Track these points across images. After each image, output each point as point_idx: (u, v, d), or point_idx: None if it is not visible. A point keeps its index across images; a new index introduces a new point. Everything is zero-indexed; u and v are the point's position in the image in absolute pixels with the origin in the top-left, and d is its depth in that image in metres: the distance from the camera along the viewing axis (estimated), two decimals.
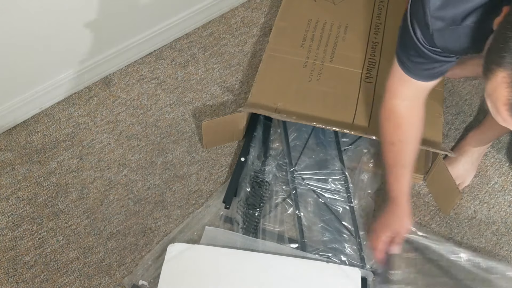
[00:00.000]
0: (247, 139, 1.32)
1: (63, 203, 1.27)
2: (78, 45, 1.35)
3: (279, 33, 1.37)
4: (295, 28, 1.38)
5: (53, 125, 1.39)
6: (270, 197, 1.26)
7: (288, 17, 1.40)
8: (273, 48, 1.34)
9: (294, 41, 1.35)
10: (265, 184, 1.26)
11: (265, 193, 1.25)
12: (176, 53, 1.54)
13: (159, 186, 1.30)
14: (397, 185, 1.04)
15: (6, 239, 1.22)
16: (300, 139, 1.33)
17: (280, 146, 1.33)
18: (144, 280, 1.15)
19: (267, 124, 1.34)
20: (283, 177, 1.28)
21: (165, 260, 1.14)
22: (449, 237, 1.23)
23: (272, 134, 1.34)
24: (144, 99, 1.45)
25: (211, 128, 1.28)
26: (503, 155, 1.35)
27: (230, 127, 1.30)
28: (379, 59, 1.31)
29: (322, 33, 1.36)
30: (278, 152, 1.32)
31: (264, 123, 1.35)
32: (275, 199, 1.26)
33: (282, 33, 1.37)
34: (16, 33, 1.19)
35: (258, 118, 1.35)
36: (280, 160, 1.30)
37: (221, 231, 1.20)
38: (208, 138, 1.32)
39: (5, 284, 1.16)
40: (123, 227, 1.24)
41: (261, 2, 1.65)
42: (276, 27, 1.39)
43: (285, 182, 1.27)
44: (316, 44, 1.34)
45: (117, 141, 1.37)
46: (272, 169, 1.28)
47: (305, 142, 1.32)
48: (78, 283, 1.17)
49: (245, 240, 1.18)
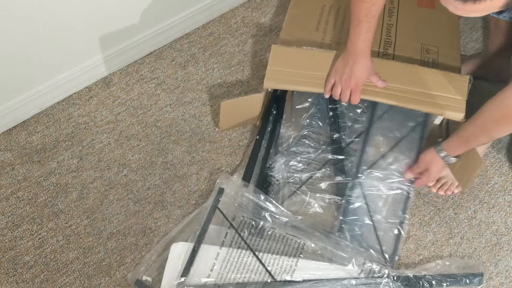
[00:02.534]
0: (264, 122, 1.32)
1: (63, 203, 1.27)
2: (78, 45, 1.35)
3: (292, 20, 1.37)
4: (308, 14, 1.37)
5: (53, 125, 1.39)
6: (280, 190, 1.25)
7: (301, 5, 1.40)
8: (286, 33, 1.33)
9: (309, 25, 1.34)
10: (273, 182, 1.25)
11: (272, 190, 1.24)
12: (176, 53, 1.54)
13: (159, 186, 1.30)
14: (366, 36, 1.08)
15: (6, 239, 1.22)
16: (313, 126, 1.32)
17: (290, 137, 1.32)
18: (148, 276, 1.15)
19: (278, 119, 1.33)
20: (290, 174, 1.27)
21: (168, 259, 1.14)
22: (449, 237, 1.23)
23: (283, 126, 1.33)
24: (144, 99, 1.45)
25: (229, 108, 1.27)
26: (503, 155, 1.35)
27: (248, 109, 1.29)
28: (395, 40, 1.30)
29: (336, 17, 1.36)
30: (288, 144, 1.31)
31: (275, 118, 1.33)
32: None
33: (296, 19, 1.37)
34: (16, 33, 1.19)
35: (272, 106, 1.35)
36: (287, 156, 1.29)
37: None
38: (224, 119, 1.31)
39: (5, 284, 1.16)
40: (123, 227, 1.24)
41: (261, 2, 1.65)
42: (289, 14, 1.38)
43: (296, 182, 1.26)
44: (331, 27, 1.33)
45: (117, 141, 1.37)
46: (280, 166, 1.27)
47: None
48: (78, 283, 1.17)
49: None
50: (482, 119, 1.03)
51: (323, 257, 1.14)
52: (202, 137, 1.38)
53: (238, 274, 1.12)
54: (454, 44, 1.31)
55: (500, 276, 1.18)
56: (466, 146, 1.10)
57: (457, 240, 1.23)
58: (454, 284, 1.13)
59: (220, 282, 1.11)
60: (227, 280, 1.11)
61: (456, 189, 1.26)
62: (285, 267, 1.13)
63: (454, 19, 1.37)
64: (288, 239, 1.17)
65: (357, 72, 1.11)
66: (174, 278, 1.11)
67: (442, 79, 1.17)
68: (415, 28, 1.33)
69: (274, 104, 1.35)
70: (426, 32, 1.32)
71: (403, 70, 1.19)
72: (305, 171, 1.27)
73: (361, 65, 1.11)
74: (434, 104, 1.17)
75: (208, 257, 1.14)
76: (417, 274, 1.13)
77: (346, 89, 1.14)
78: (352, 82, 1.13)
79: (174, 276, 1.12)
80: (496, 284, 1.17)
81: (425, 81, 1.18)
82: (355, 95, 1.14)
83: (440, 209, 1.27)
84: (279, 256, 1.14)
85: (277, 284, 1.11)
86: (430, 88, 1.17)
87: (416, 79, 1.18)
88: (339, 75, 1.14)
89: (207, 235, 1.16)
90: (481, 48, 1.55)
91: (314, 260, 1.14)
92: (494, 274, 1.18)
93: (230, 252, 1.14)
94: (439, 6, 1.37)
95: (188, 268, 1.11)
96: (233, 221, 1.18)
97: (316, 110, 1.34)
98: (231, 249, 1.15)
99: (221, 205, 1.20)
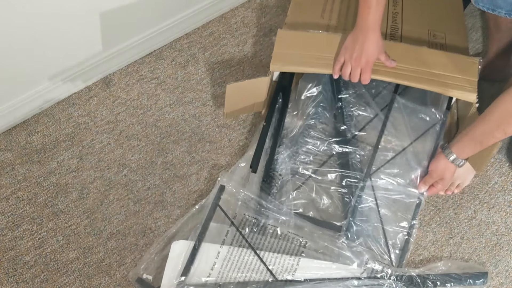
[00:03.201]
0: (270, 109, 1.29)
1: (63, 203, 1.27)
2: (78, 45, 1.34)
3: (296, 8, 1.36)
4: (312, 2, 1.37)
5: (53, 125, 1.39)
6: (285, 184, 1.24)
7: None
8: (291, 21, 1.32)
9: (314, 13, 1.33)
10: (276, 176, 1.24)
11: (275, 184, 1.23)
12: (176, 53, 1.54)
13: (159, 186, 1.30)
14: (376, 9, 1.07)
15: (6, 239, 1.22)
16: (319, 114, 1.31)
17: (296, 127, 1.30)
18: (148, 274, 1.15)
19: (284, 108, 1.31)
20: (295, 166, 1.26)
21: (169, 258, 1.14)
22: (449, 237, 1.23)
23: (288, 116, 1.31)
24: (144, 99, 1.45)
25: (234, 91, 1.24)
26: (503, 155, 1.35)
27: (253, 93, 1.27)
28: (401, 26, 1.29)
29: (341, 5, 1.35)
30: (292, 137, 1.30)
31: (281, 107, 1.32)
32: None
33: (300, 7, 1.36)
34: (16, 33, 1.19)
35: (278, 94, 1.33)
36: (292, 147, 1.27)
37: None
38: (230, 103, 1.28)
39: (5, 284, 1.16)
40: (123, 227, 1.24)
41: (261, 2, 1.65)
42: (294, 2, 1.37)
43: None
44: (336, 14, 1.32)
45: (117, 141, 1.37)
46: (284, 159, 1.26)
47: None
48: (78, 283, 1.17)
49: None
50: (498, 114, 1.00)
51: (326, 256, 1.14)
52: (202, 137, 1.38)
53: (239, 273, 1.12)
54: (460, 30, 1.29)
55: (500, 276, 1.18)
56: (480, 146, 1.07)
57: (457, 240, 1.23)
58: (459, 283, 1.13)
59: (221, 282, 1.11)
60: (228, 279, 1.11)
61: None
62: (286, 266, 1.13)
63: (458, 6, 1.36)
64: (290, 237, 1.16)
65: (367, 49, 1.09)
66: (175, 277, 1.11)
67: (452, 60, 1.15)
68: (420, 15, 1.32)
69: (280, 93, 1.32)
70: (432, 19, 1.31)
71: (412, 51, 1.17)
72: (310, 164, 1.26)
73: (372, 41, 1.08)
74: (445, 84, 1.14)
75: (208, 255, 1.13)
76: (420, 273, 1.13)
77: (356, 68, 1.11)
78: (362, 59, 1.10)
79: (174, 275, 1.11)
80: (496, 284, 1.17)
81: (435, 62, 1.15)
82: (365, 74, 1.11)
83: (440, 209, 1.27)
84: (281, 255, 1.14)
85: (279, 283, 1.10)
86: (440, 69, 1.15)
87: (426, 60, 1.16)
88: (349, 53, 1.11)
89: (208, 233, 1.16)
90: (481, 49, 1.55)
91: (316, 259, 1.13)
92: (494, 274, 1.18)
93: (231, 250, 1.14)
94: None
95: (189, 267, 1.11)
96: (234, 219, 1.18)
97: (323, 99, 1.32)
98: (232, 247, 1.14)
99: (222, 203, 1.19)
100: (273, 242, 1.16)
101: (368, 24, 1.07)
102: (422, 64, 1.16)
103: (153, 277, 1.15)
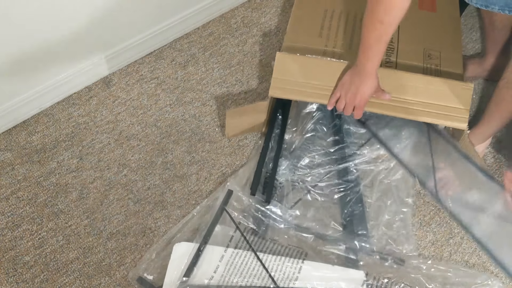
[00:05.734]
0: (270, 128, 1.33)
1: (63, 203, 1.27)
2: (77, 45, 1.34)
3: (296, 23, 1.36)
4: (311, 18, 1.37)
5: (53, 125, 1.39)
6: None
7: (304, 6, 1.39)
8: (290, 38, 1.33)
9: (312, 31, 1.34)
10: (277, 185, 1.26)
11: (276, 194, 1.25)
12: (176, 53, 1.54)
13: (159, 186, 1.30)
14: (375, 60, 1.09)
15: (6, 239, 1.22)
16: (318, 131, 1.33)
17: (295, 141, 1.33)
18: (149, 274, 1.15)
19: (284, 124, 1.35)
20: (295, 177, 1.28)
21: (171, 259, 1.14)
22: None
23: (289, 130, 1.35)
24: (144, 99, 1.45)
25: (235, 116, 1.29)
26: (503, 155, 1.35)
27: (253, 116, 1.30)
28: (397, 45, 1.30)
29: (339, 23, 1.36)
30: (293, 148, 1.32)
31: (281, 124, 1.35)
32: None
33: (299, 23, 1.36)
34: (16, 33, 1.19)
35: (278, 111, 1.36)
36: (291, 159, 1.30)
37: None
38: (231, 127, 1.33)
39: (5, 284, 1.16)
40: (123, 227, 1.24)
41: (261, 2, 1.65)
42: (293, 16, 1.37)
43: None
44: (333, 33, 1.33)
45: (117, 141, 1.37)
46: (284, 170, 1.28)
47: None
48: (78, 283, 1.17)
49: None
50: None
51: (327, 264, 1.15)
52: (202, 137, 1.38)
53: (241, 278, 1.12)
54: (456, 46, 1.30)
55: (500, 276, 1.18)
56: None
57: (457, 240, 1.23)
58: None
59: (223, 285, 1.11)
60: (229, 283, 1.11)
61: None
62: (288, 273, 1.13)
63: (455, 20, 1.37)
64: (291, 248, 1.18)
65: (363, 92, 1.13)
66: (177, 278, 1.11)
67: (445, 88, 1.17)
68: (417, 32, 1.32)
69: (280, 110, 1.36)
70: (428, 35, 1.32)
71: (406, 80, 1.19)
72: (309, 175, 1.28)
73: (368, 85, 1.12)
74: (437, 115, 1.17)
75: (212, 258, 1.14)
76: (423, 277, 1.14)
77: (350, 105, 1.16)
78: (356, 99, 1.14)
79: (176, 276, 1.11)
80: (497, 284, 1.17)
81: (429, 91, 1.18)
82: (358, 110, 1.16)
83: (440, 209, 1.27)
84: (283, 263, 1.14)
85: None
86: (434, 99, 1.17)
87: (420, 89, 1.19)
88: (345, 90, 1.16)
89: (212, 236, 1.16)
90: (480, 49, 1.55)
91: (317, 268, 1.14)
92: (494, 274, 1.18)
93: (235, 255, 1.14)
94: (440, 8, 1.38)
95: (192, 268, 1.12)
96: (239, 224, 1.19)
97: (322, 116, 1.35)
98: (236, 252, 1.15)
99: (229, 208, 1.21)
100: (275, 250, 1.17)
101: (366, 71, 1.10)
102: (416, 94, 1.18)
103: (153, 277, 1.15)
